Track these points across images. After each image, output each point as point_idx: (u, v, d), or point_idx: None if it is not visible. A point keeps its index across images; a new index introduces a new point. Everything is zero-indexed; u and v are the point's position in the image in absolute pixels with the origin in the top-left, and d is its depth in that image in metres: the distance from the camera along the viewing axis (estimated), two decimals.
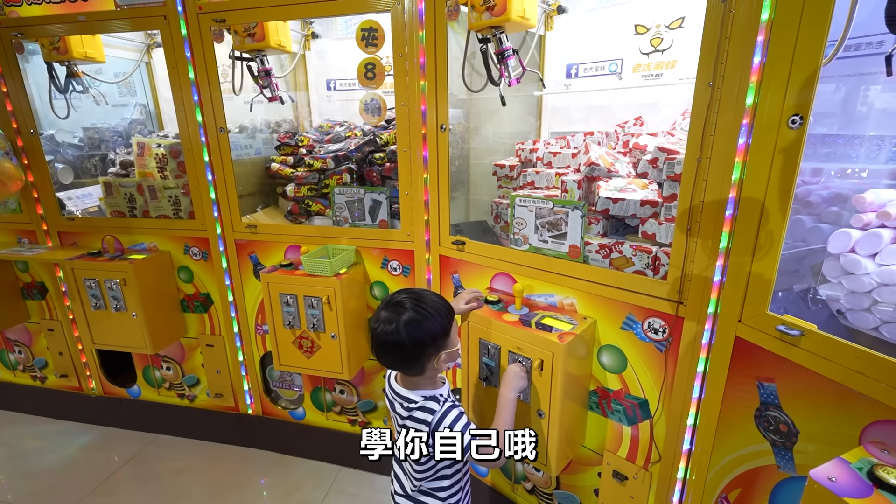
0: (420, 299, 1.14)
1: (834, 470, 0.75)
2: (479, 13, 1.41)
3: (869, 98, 1.26)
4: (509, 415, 1.20)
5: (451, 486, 1.21)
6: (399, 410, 1.16)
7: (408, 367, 1.14)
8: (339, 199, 1.85)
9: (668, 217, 1.26)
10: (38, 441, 2.46)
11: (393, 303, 1.12)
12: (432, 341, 1.10)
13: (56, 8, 1.90)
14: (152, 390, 2.42)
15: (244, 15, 1.73)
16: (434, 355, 1.12)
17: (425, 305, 1.12)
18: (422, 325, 1.09)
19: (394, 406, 1.19)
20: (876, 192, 1.14)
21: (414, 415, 1.13)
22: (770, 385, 1.00)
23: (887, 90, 1.21)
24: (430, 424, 1.11)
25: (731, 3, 0.97)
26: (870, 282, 1.07)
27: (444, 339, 1.13)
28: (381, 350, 1.13)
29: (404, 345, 1.08)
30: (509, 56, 1.47)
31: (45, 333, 2.45)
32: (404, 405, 1.15)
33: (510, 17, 1.35)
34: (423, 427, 1.11)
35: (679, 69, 1.66)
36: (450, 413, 1.12)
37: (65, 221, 2.21)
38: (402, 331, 1.08)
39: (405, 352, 1.09)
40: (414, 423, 1.12)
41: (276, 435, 2.28)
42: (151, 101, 2.74)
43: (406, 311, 1.09)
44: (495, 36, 1.46)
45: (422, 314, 1.10)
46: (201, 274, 2.12)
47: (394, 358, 1.13)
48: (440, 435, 1.10)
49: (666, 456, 1.29)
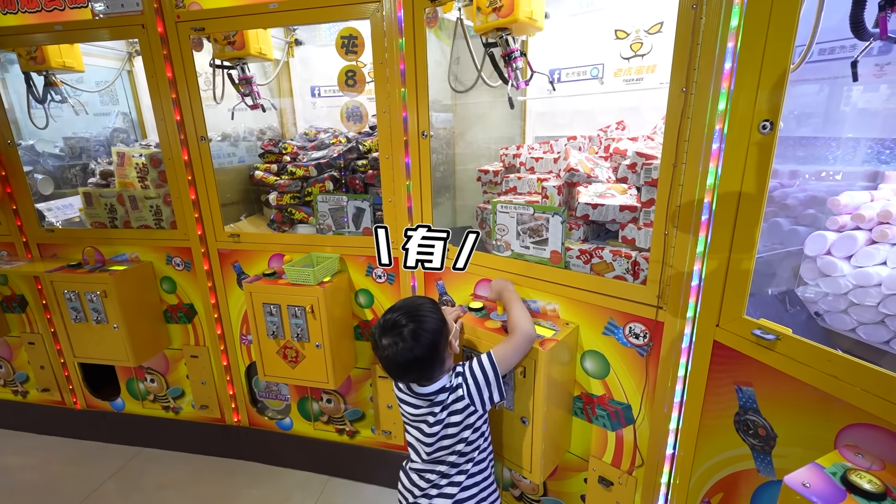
0: (407, 308, 1.17)
1: (808, 475, 0.76)
2: (486, 15, 1.37)
3: (842, 101, 1.28)
4: (519, 304, 1.27)
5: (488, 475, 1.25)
6: (433, 411, 1.16)
7: (433, 371, 1.15)
8: (322, 207, 1.84)
9: (646, 222, 1.26)
10: (20, 457, 2.41)
11: (388, 327, 1.14)
12: (440, 335, 1.14)
13: (32, 18, 1.88)
14: (136, 403, 2.38)
15: (223, 23, 1.72)
16: (446, 346, 1.16)
17: (415, 310, 1.16)
18: (424, 327, 1.12)
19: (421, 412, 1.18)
20: (850, 194, 1.16)
21: (449, 399, 1.15)
22: (748, 389, 1.00)
23: (860, 93, 1.23)
24: (464, 386, 1.15)
25: (701, 9, 0.98)
26: (846, 284, 1.08)
27: (445, 326, 1.17)
28: (403, 370, 1.15)
29: (423, 354, 1.11)
30: (516, 58, 1.44)
31: (26, 347, 2.40)
32: (436, 399, 1.16)
33: (518, 18, 1.32)
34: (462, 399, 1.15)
35: (659, 73, 1.67)
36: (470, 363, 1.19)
37: (44, 233, 2.17)
38: (413, 343, 1.11)
39: (426, 359, 1.12)
40: (455, 403, 1.15)
41: (263, 446, 2.25)
42: (134, 110, 2.72)
43: (405, 326, 1.12)
44: (502, 38, 1.42)
45: (418, 319, 1.13)
46: (184, 284, 2.10)
47: (419, 371, 1.14)
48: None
49: (650, 460, 1.28)
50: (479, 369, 1.16)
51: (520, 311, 1.26)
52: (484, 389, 1.16)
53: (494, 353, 1.17)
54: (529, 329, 1.21)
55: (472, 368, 1.17)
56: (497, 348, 1.19)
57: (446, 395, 1.15)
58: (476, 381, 1.16)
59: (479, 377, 1.16)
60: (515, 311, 1.26)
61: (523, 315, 1.24)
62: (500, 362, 1.17)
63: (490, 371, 1.16)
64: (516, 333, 1.20)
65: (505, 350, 1.19)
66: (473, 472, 1.20)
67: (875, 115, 1.24)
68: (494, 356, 1.17)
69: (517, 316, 1.24)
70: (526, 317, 1.24)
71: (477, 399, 1.16)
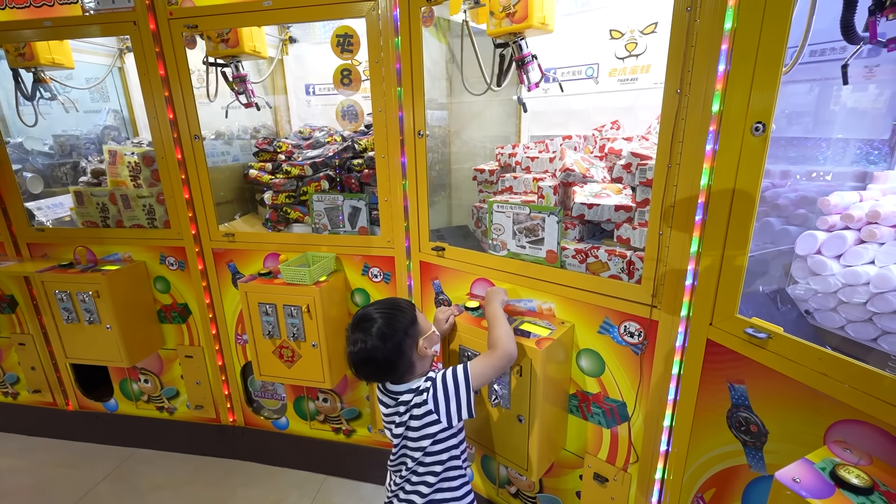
0: (380, 306, 1.18)
1: (798, 471, 0.77)
2: (499, 20, 1.37)
3: (832, 101, 1.30)
4: (503, 321, 1.24)
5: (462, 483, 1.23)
6: (398, 411, 1.16)
7: (395, 371, 1.14)
8: (317, 207, 1.84)
9: (641, 221, 1.27)
10: (12, 459, 2.38)
11: (355, 322, 1.16)
12: (404, 336, 1.13)
13: (21, 13, 1.85)
14: (130, 404, 2.36)
15: (216, 21, 1.70)
16: (413, 346, 1.15)
17: (387, 309, 1.16)
18: (391, 325, 1.12)
19: (389, 411, 1.18)
20: (840, 194, 1.18)
21: (412, 402, 1.14)
22: (740, 387, 1.02)
23: (849, 93, 1.25)
24: (430, 391, 1.13)
25: (696, 12, 0.99)
26: (835, 282, 1.10)
27: (414, 326, 1.16)
28: (361, 368, 1.15)
29: (384, 355, 1.11)
30: (529, 62, 1.44)
31: (17, 348, 2.37)
32: (400, 399, 1.15)
33: (532, 24, 1.33)
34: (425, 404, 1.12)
35: (654, 73, 1.68)
36: (444, 371, 1.16)
37: (34, 232, 2.14)
38: (377, 342, 1.10)
39: (387, 359, 1.11)
40: (416, 408, 1.13)
41: (259, 445, 2.25)
42: (125, 107, 2.68)
43: (373, 324, 1.12)
44: (515, 42, 1.42)
45: (386, 317, 1.13)
46: (178, 284, 2.08)
47: (377, 369, 1.14)
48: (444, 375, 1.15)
49: (644, 457, 1.30)
50: (452, 379, 1.13)
51: (503, 328, 1.22)
52: (452, 400, 1.11)
53: (470, 367, 1.14)
54: (510, 349, 1.18)
55: (445, 377, 1.14)
56: (474, 362, 1.16)
57: (410, 396, 1.13)
58: (446, 390, 1.12)
59: (450, 387, 1.12)
60: (498, 328, 1.22)
61: (506, 333, 1.20)
62: (474, 376, 1.13)
63: (462, 383, 1.12)
64: (497, 351, 1.17)
65: (483, 365, 1.15)
66: (441, 487, 1.18)
67: (864, 115, 1.27)
68: (470, 369, 1.13)
69: (499, 333, 1.20)
70: (508, 335, 1.20)
71: (443, 409, 1.11)
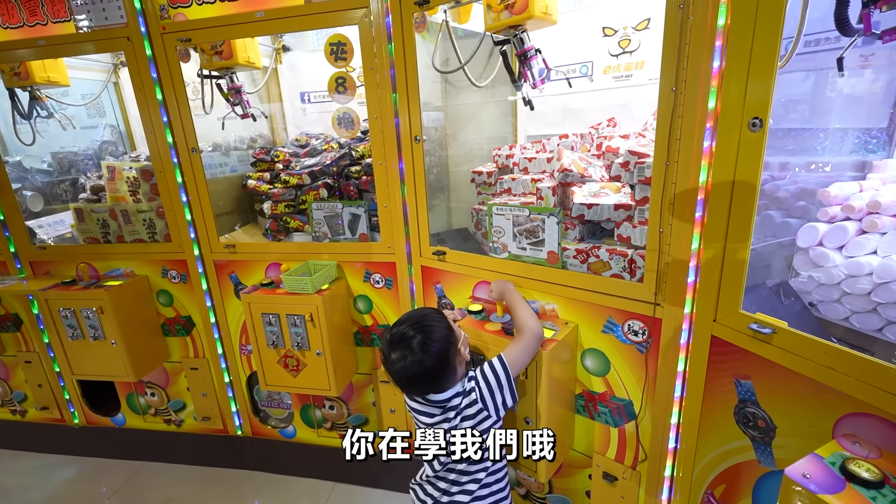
0: (413, 320, 1.16)
1: (808, 466, 0.77)
2: (497, 13, 1.29)
3: (829, 89, 1.29)
4: (522, 303, 1.26)
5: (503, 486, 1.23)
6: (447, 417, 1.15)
7: (444, 381, 1.14)
8: (317, 215, 1.84)
9: (641, 220, 1.27)
10: (22, 477, 2.39)
11: (395, 341, 1.14)
12: (448, 344, 1.13)
13: (14, 33, 1.85)
14: (137, 417, 2.37)
15: (209, 34, 1.70)
16: (455, 353, 1.16)
17: (421, 321, 1.15)
18: (433, 337, 1.12)
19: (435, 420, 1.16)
20: (840, 185, 1.17)
21: (462, 404, 1.14)
22: (747, 382, 1.02)
23: (845, 80, 1.25)
24: (477, 389, 1.14)
25: (689, 9, 0.98)
26: (838, 274, 1.09)
27: (453, 334, 1.16)
28: (412, 383, 1.14)
29: (433, 365, 1.10)
30: (532, 56, 1.36)
31: (23, 366, 2.38)
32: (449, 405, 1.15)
33: (533, 14, 1.23)
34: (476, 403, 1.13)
35: (648, 70, 1.68)
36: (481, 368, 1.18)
37: (36, 250, 2.15)
38: (423, 355, 1.10)
39: (437, 370, 1.11)
40: (468, 408, 1.14)
41: (267, 455, 2.25)
42: (122, 122, 2.69)
43: (413, 338, 1.11)
44: (516, 36, 1.34)
45: (426, 330, 1.12)
46: (181, 297, 2.08)
47: (429, 382, 1.14)
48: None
49: (652, 455, 1.30)
50: (491, 373, 1.15)
51: (525, 310, 1.25)
52: (497, 393, 1.14)
53: (505, 356, 1.17)
54: (537, 328, 1.20)
55: (485, 372, 1.16)
56: (507, 350, 1.18)
57: (460, 400, 1.15)
58: (489, 384, 1.14)
59: (492, 380, 1.15)
60: (521, 311, 1.25)
61: (529, 314, 1.24)
62: (510, 364, 1.16)
63: (502, 374, 1.15)
64: (525, 333, 1.20)
65: (515, 351, 1.18)
66: (487, 482, 1.19)
67: (861, 104, 1.26)
68: (505, 358, 1.16)
69: (523, 315, 1.23)
70: (532, 316, 1.23)
71: (490, 403, 1.14)
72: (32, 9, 1.81)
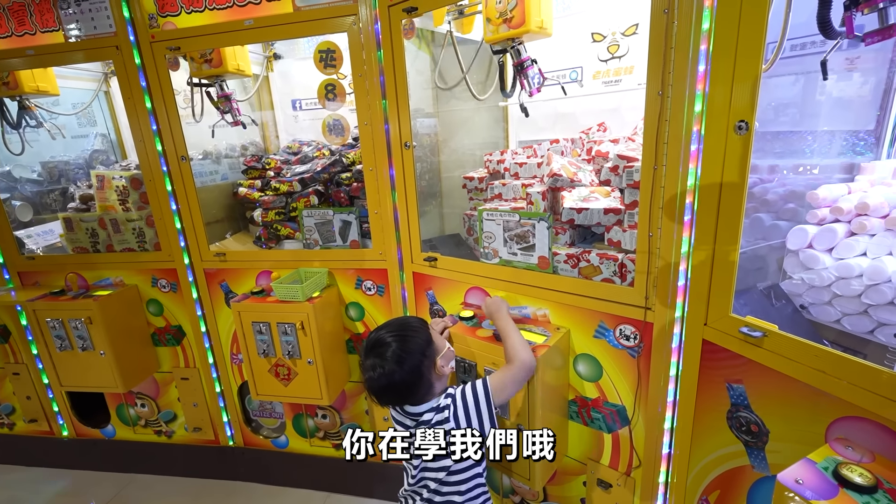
0: (393, 327, 1.15)
1: (801, 472, 0.76)
2: (496, 26, 1.34)
3: (817, 91, 1.30)
4: (514, 332, 1.21)
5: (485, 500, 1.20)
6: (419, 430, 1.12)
7: (416, 394, 1.12)
8: (307, 222, 1.83)
9: (631, 224, 1.27)
10: (10, 491, 2.34)
11: (370, 346, 1.12)
12: (423, 357, 1.11)
13: (3, 43, 1.84)
14: (127, 429, 2.33)
15: (198, 42, 1.70)
16: (431, 366, 1.13)
17: (401, 329, 1.13)
18: (407, 348, 1.09)
19: (408, 428, 1.14)
20: (828, 187, 1.17)
21: (434, 420, 1.11)
22: (739, 386, 1.01)
23: (833, 82, 1.25)
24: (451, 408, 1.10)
25: (673, 14, 0.99)
26: (828, 276, 1.09)
27: (430, 346, 1.14)
28: (383, 394, 1.12)
29: (404, 379, 1.08)
30: (529, 66, 1.41)
31: (11, 378, 2.34)
32: (421, 419, 1.12)
33: (529, 28, 1.30)
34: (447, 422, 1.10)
35: (637, 74, 1.69)
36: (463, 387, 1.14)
37: (24, 261, 2.13)
38: (395, 366, 1.08)
39: (408, 383, 1.09)
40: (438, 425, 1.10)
41: (259, 466, 2.22)
42: (113, 131, 2.68)
43: (388, 347, 1.10)
44: (513, 47, 1.40)
45: (402, 339, 1.10)
46: (171, 306, 2.06)
47: (396, 394, 1.12)
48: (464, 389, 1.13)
49: (646, 461, 1.28)
50: (472, 395, 1.11)
51: (516, 339, 1.19)
52: (473, 416, 1.09)
53: (490, 381, 1.12)
54: (528, 359, 1.15)
55: (464, 392, 1.12)
56: (493, 376, 1.14)
57: (432, 415, 1.11)
58: (466, 406, 1.10)
59: (470, 403, 1.10)
60: (513, 339, 1.19)
61: (521, 344, 1.18)
62: (495, 390, 1.11)
63: (482, 398, 1.10)
64: (514, 363, 1.14)
65: (502, 379, 1.13)
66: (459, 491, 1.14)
67: (848, 107, 1.27)
68: (490, 384, 1.11)
69: (515, 344, 1.17)
70: (524, 346, 1.18)
71: (464, 424, 1.09)
72: (21, 19, 1.80)
